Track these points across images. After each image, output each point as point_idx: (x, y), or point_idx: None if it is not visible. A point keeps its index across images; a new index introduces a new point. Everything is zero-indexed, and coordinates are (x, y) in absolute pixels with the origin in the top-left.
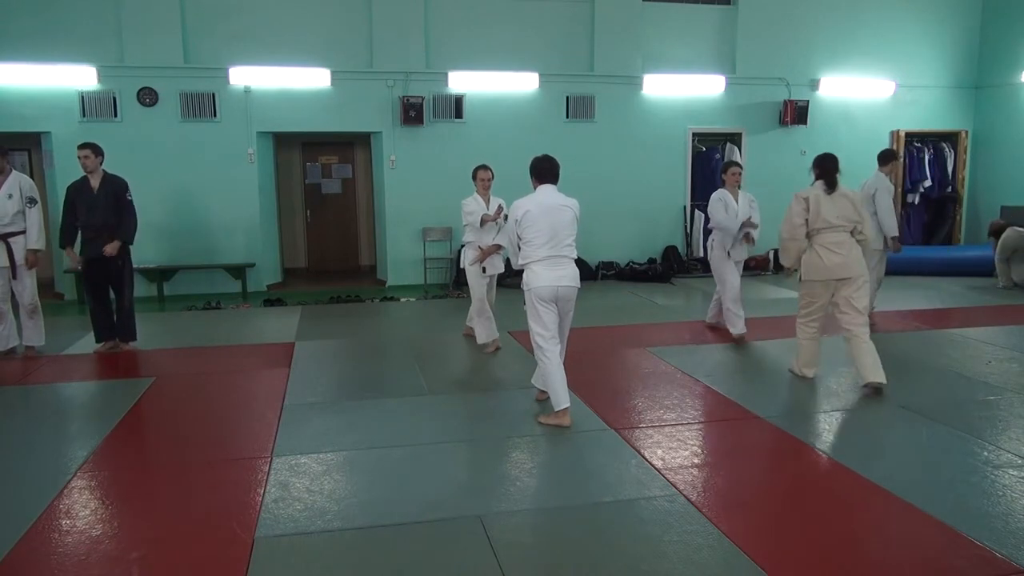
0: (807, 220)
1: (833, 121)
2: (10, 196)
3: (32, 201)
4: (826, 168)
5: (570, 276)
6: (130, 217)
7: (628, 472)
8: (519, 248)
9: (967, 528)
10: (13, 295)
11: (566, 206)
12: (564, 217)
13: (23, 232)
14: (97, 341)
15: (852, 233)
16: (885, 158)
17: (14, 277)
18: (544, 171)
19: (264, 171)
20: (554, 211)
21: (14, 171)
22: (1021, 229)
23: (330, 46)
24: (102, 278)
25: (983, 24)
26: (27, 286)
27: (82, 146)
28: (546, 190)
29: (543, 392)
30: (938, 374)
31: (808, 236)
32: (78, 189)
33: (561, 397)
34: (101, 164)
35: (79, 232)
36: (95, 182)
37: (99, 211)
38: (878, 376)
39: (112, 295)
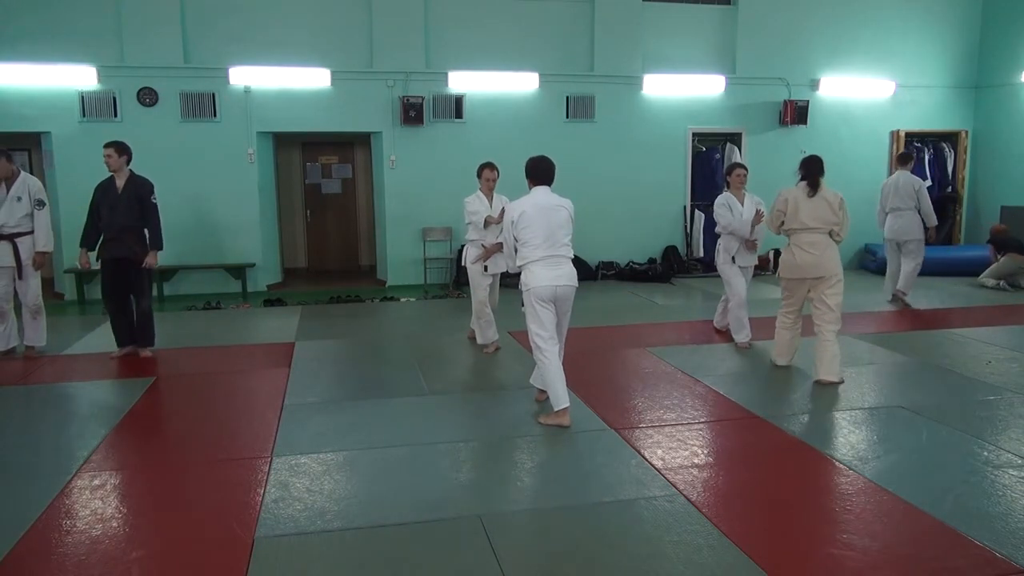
0: (784, 220)
1: (833, 121)
2: (19, 199)
3: (41, 203)
4: (810, 171)
5: (568, 275)
6: (156, 221)
7: (628, 472)
8: (516, 250)
9: (967, 528)
10: (15, 295)
11: (560, 206)
12: (559, 217)
13: (30, 233)
14: (119, 346)
15: (830, 234)
16: (907, 159)
17: (19, 277)
18: (540, 173)
19: (264, 171)
20: (549, 211)
21: (23, 173)
22: (1019, 256)
23: (330, 46)
24: (122, 281)
25: (983, 24)
26: (31, 287)
27: (106, 145)
28: (541, 191)
29: (542, 392)
30: (938, 374)
31: (787, 234)
32: (104, 189)
33: (560, 397)
34: (127, 164)
35: (100, 234)
36: (120, 182)
37: (121, 212)
38: (829, 375)
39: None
